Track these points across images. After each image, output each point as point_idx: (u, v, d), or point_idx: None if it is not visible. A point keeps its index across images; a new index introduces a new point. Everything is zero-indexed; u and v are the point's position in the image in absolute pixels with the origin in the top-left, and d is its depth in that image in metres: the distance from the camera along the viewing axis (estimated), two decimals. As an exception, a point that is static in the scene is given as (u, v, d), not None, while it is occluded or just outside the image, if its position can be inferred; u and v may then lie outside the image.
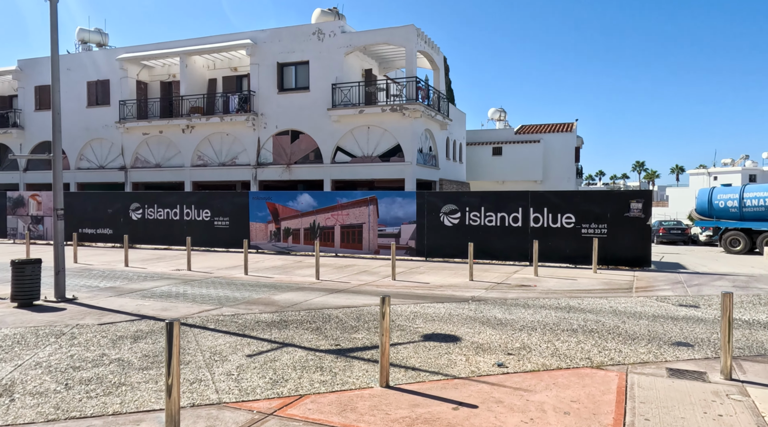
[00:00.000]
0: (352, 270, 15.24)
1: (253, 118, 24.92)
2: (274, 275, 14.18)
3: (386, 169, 23.10)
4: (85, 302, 10.48)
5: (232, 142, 25.99)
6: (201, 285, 12.53)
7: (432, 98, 24.17)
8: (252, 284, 12.77)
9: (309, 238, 19.50)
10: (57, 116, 10.62)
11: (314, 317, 9.05)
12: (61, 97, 28.75)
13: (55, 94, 10.59)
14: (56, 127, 10.60)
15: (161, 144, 27.50)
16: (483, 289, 12.00)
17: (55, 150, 10.65)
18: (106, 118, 28.19)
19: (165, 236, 21.44)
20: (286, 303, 10.27)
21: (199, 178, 26.60)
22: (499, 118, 47.07)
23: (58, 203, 10.69)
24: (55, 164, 10.65)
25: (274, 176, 25.05)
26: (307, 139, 24.59)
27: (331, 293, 11.37)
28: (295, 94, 24.51)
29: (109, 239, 22.51)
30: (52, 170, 10.69)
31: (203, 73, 27.55)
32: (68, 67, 28.85)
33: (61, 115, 10.75)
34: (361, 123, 23.43)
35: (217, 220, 20.69)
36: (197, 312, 9.48)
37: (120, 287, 12.17)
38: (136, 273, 14.56)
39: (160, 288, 12.10)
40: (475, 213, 17.03)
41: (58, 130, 10.62)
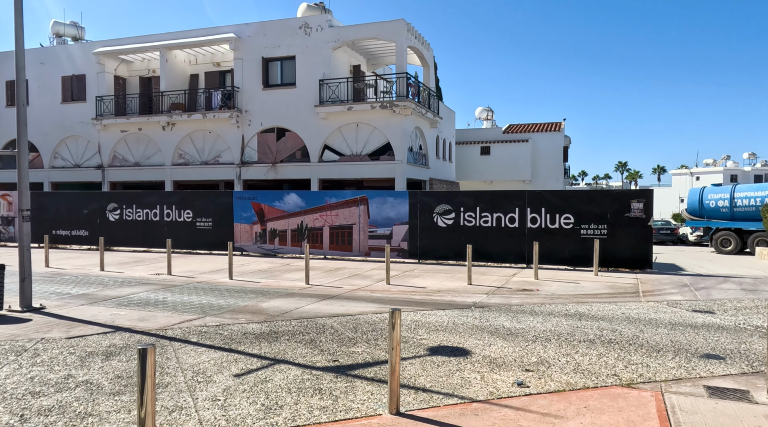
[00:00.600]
0: (343, 274, 14.49)
1: (237, 115, 24.00)
2: (261, 280, 13.37)
3: (376, 169, 22.38)
4: (54, 311, 9.57)
5: (215, 140, 25.03)
6: (182, 291, 11.67)
7: (422, 95, 23.51)
8: (238, 289, 11.94)
9: (296, 239, 18.70)
10: (22, 108, 9.69)
11: (307, 327, 8.29)
12: (34, 92, 27.51)
13: (20, 84, 9.66)
14: (21, 121, 9.67)
15: (140, 142, 26.40)
16: (484, 294, 11.35)
17: (20, 145, 9.72)
18: (82, 114, 27.00)
19: (144, 238, 20.44)
20: (276, 311, 9.49)
21: (181, 177, 25.58)
22: (487, 117, 46.68)
23: (23, 203, 9.76)
24: (20, 161, 9.72)
25: (259, 175, 24.16)
26: (293, 137, 23.75)
27: (323, 300, 10.62)
28: (280, 90, 23.65)
29: (85, 240, 21.42)
30: (17, 167, 9.76)
31: (184, 68, 26.52)
32: (42, 61, 27.58)
33: (26, 108, 9.82)
34: (349, 120, 22.67)
35: (199, 221, 19.76)
36: (178, 323, 8.65)
37: (94, 294, 11.26)
38: (113, 278, 13.62)
39: (138, 295, 11.21)
40: (470, 213, 16.40)
41: (23, 124, 9.70)
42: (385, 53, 25.45)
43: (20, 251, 9.74)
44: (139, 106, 26.51)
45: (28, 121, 27.93)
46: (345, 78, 22.98)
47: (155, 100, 26.14)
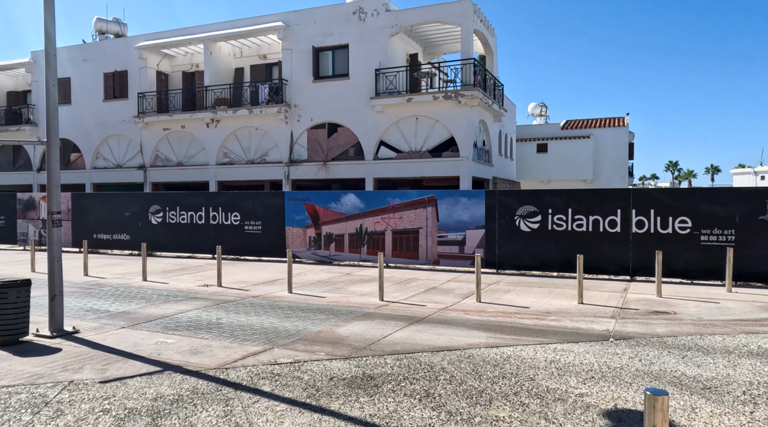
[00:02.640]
0: (417, 287, 12.40)
1: (285, 109, 22.28)
2: (325, 294, 11.42)
3: (437, 166, 20.24)
4: (89, 336, 7.81)
5: (262, 137, 23.39)
6: (238, 309, 9.81)
7: (488, 85, 21.25)
8: (302, 307, 10.01)
9: (355, 245, 16.73)
10: (52, 89, 7.98)
11: (411, 369, 6.23)
12: (76, 90, 26.51)
13: (50, 61, 7.96)
14: (51, 105, 7.97)
15: (183, 140, 25.04)
16: (608, 317, 9.05)
17: (50, 136, 8.02)
18: (124, 112, 25.85)
19: (188, 243, 18.88)
20: (360, 341, 7.47)
21: (225, 177, 24.06)
22: (540, 113, 43.91)
23: (53, 205, 8.05)
24: (50, 155, 8.01)
25: (308, 175, 22.38)
26: (346, 132, 21.86)
27: (411, 324, 8.55)
28: (332, 82, 21.80)
29: (126, 245, 20.04)
30: (46, 162, 8.06)
31: (229, 61, 25.02)
32: (84, 58, 26.61)
33: (56, 89, 8.12)
34: (408, 113, 20.62)
35: (248, 224, 18.05)
36: (240, 357, 6.73)
37: (135, 313, 9.51)
38: (156, 291, 11.91)
39: (187, 314, 9.40)
40: (560, 216, 14.07)
41: (54, 108, 7.99)
42: (444, 40, 23.32)
43: (49, 263, 8.03)
44: (182, 102, 25.16)
45: (71, 121, 27.00)
46: (404, 66, 20.95)
47: (199, 95, 24.72)
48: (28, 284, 7.56)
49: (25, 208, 22.13)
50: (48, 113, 8.01)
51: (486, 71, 21.00)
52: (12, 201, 22.37)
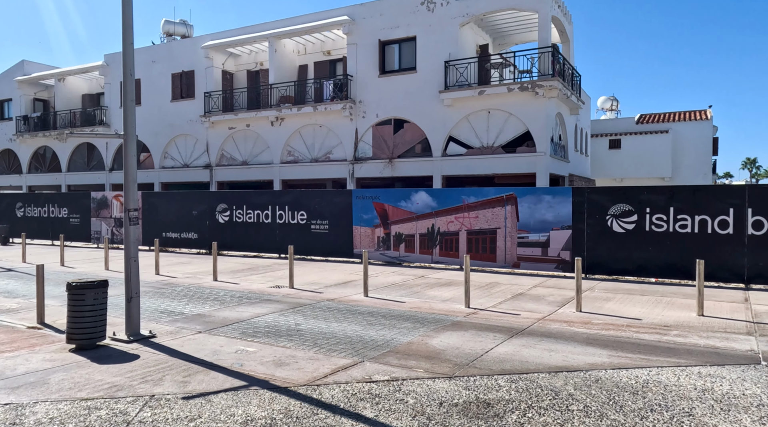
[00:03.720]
0: (501, 292, 11.37)
1: (350, 106, 21.71)
2: (404, 299, 10.60)
3: (511, 162, 19.04)
4: (166, 342, 7.34)
5: (326, 134, 22.94)
6: (316, 314, 9.15)
7: (566, 75, 19.82)
8: (383, 313, 9.23)
9: (426, 246, 15.86)
10: (130, 78, 7.57)
11: (532, 394, 5.28)
12: (145, 91, 27.04)
13: (128, 50, 7.55)
14: (128, 95, 7.56)
15: (248, 139, 25.00)
16: (743, 333, 7.73)
17: (127, 127, 7.61)
18: (191, 112, 26.13)
19: (254, 242, 18.61)
20: (459, 356, 6.58)
21: (289, 176, 23.78)
22: (611, 107, 41.47)
23: (130, 202, 7.63)
24: (127, 150, 7.60)
25: (373, 173, 21.70)
26: (412, 128, 21.03)
27: (511, 336, 7.57)
28: (399, 76, 21.02)
29: (194, 244, 20.04)
30: (123, 158, 7.66)
31: (293, 59, 24.76)
32: (153, 59, 27.12)
33: (134, 83, 7.69)
34: (479, 107, 19.54)
35: (314, 223, 17.55)
36: (330, 371, 6.00)
37: (211, 316, 9.03)
38: (228, 292, 11.49)
39: (264, 318, 8.82)
40: (659, 215, 12.63)
41: (131, 99, 7.58)
42: (516, 29, 22.07)
43: (126, 262, 7.61)
44: (247, 101, 25.13)
45: (141, 121, 27.61)
46: (475, 57, 19.88)
47: (263, 94, 24.60)
48: (105, 285, 7.17)
49: (98, 207, 22.67)
50: (125, 106, 7.61)
51: (565, 60, 19.58)
52: (86, 200, 22.97)
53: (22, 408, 4.98)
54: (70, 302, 6.96)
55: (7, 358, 6.57)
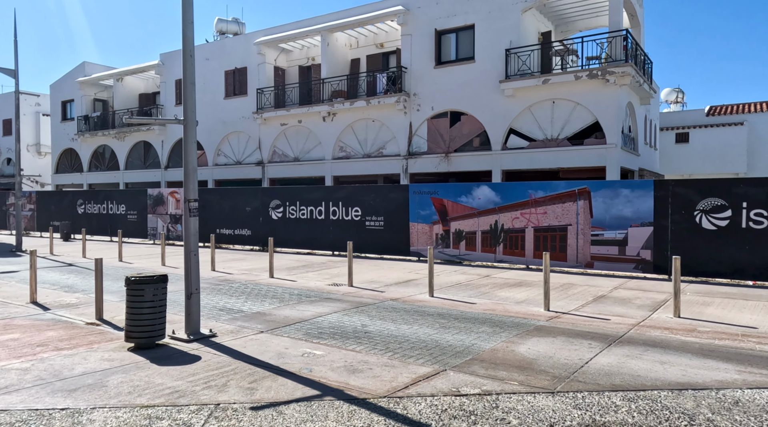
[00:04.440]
0: (580, 294, 10.35)
1: (404, 99, 20.99)
2: (473, 299, 9.78)
3: (578, 155, 17.82)
4: (227, 342, 6.83)
5: (379, 129, 22.31)
6: (381, 314, 8.47)
7: (638, 62, 18.38)
8: (454, 314, 8.45)
9: (488, 243, 14.94)
10: (189, 60, 7.11)
11: (660, 418, 4.39)
12: (199, 89, 27.14)
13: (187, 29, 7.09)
14: (188, 78, 7.10)
15: (300, 135, 24.70)
16: None
17: (187, 113, 7.15)
18: (244, 109, 26.10)
19: (307, 239, 18.18)
20: (555, 367, 5.74)
21: (341, 172, 23.31)
22: (676, 99, 39.01)
23: (190, 192, 7.17)
24: (187, 134, 7.14)
25: (428, 168, 20.90)
26: (470, 121, 20.10)
27: (609, 345, 6.64)
28: (456, 66, 20.13)
29: (247, 240, 19.85)
30: (183, 143, 7.21)
31: (345, 52, 24.28)
32: (206, 57, 27.27)
33: (194, 65, 7.22)
34: (543, 97, 18.40)
35: (369, 220, 16.94)
36: (411, 382, 5.29)
37: (271, 315, 8.50)
38: (286, 289, 10.99)
39: (327, 318, 8.22)
40: (758, 211, 11.27)
41: (191, 82, 7.12)
42: (580, 15, 20.76)
43: (186, 256, 7.16)
44: (299, 97, 24.84)
45: (194, 120, 27.88)
46: (538, 45, 18.75)
47: (315, 90, 24.23)
48: (164, 279, 6.72)
49: (154, 203, 22.89)
50: (184, 90, 7.15)
51: (637, 45, 18.15)
52: (143, 197, 23.26)
53: (79, 414, 4.51)
54: (129, 297, 6.55)
55: (65, 356, 6.20)
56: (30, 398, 4.88)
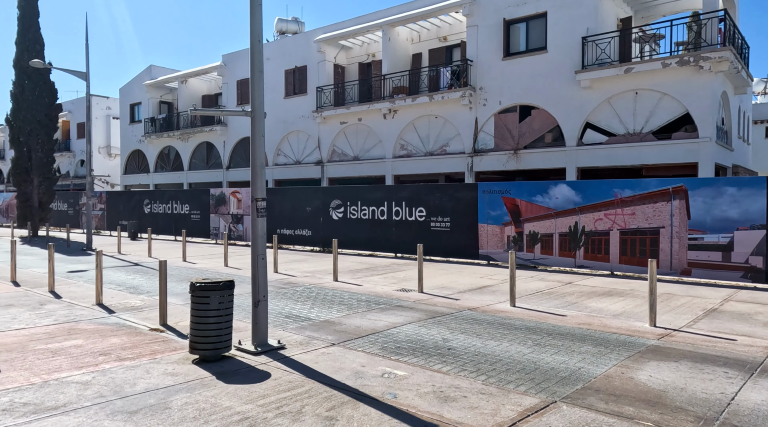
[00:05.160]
0: (686, 307, 9.07)
1: (469, 93, 19.97)
2: (560, 310, 8.73)
3: (665, 151, 16.22)
4: (298, 355, 6.17)
5: (442, 126, 21.39)
6: (461, 326, 7.61)
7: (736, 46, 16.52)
8: (544, 329, 7.46)
9: (567, 247, 13.72)
10: (257, 45, 6.52)
11: None
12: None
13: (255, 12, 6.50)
14: (256, 66, 6.50)
15: (360, 134, 24.15)
16: None
17: (254, 103, 6.56)
18: (303, 108, 25.85)
19: (369, 240, 17.54)
20: (694, 403, 4.68)
21: (402, 171, 22.56)
22: (764, 90, 35.77)
23: (258, 190, 6.58)
24: (255, 127, 6.55)
25: (495, 166, 19.78)
26: (542, 115, 18.82)
27: (751, 374, 5.50)
28: (525, 58, 18.92)
29: (308, 241, 19.45)
30: (251, 137, 6.63)
31: (406, 47, 23.51)
32: (267, 57, 27.20)
33: (262, 52, 6.62)
34: (624, 87, 16.91)
35: (434, 221, 16.07)
36: (518, 416, 4.40)
37: (341, 324, 7.82)
38: (353, 294, 10.31)
39: (402, 330, 7.44)
40: None
41: (258, 70, 6.52)
42: None
43: (253, 260, 6.57)
44: (358, 94, 24.30)
45: (255, 120, 27.96)
46: (617, 32, 17.25)
47: (375, 86, 23.61)
48: (231, 286, 6.14)
49: (216, 203, 22.98)
50: (252, 79, 6.56)
51: (735, 28, 16.30)
52: (206, 197, 23.41)
53: (139, 444, 3.93)
54: (194, 305, 6.01)
55: (127, 368, 5.73)
56: (88, 421, 4.37)
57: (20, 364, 5.87)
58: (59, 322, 7.94)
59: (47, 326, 7.70)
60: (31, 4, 25.89)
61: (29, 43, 25.56)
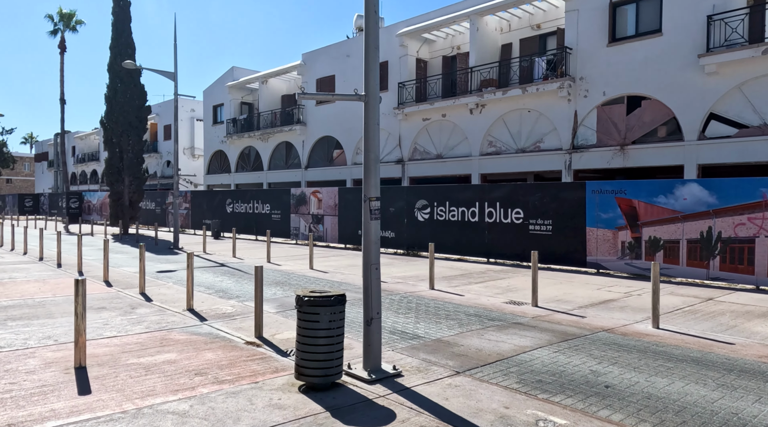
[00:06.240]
0: None
1: (568, 84, 18.24)
2: (721, 335, 7.14)
3: (813, 144, 13.80)
4: (420, 388, 5.12)
5: (536, 120, 19.76)
6: (605, 354, 6.26)
7: None
8: (714, 360, 5.97)
9: (698, 255, 11.84)
10: (374, 16, 5.54)
11: None
12: (339, 86, 26.61)
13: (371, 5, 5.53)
14: (371, 36, 5.52)
15: (443, 131, 22.96)
16: None
17: (368, 85, 5.58)
18: (383, 105, 24.99)
19: (458, 243, 16.33)
20: None
21: (490, 169, 21.13)
22: None
23: (371, 189, 5.60)
24: (369, 112, 5.57)
25: (597, 163, 17.93)
26: (653, 106, 16.80)
27: None
28: (635, 42, 16.96)
29: (391, 243, 18.51)
30: (364, 123, 5.65)
31: (495, 38, 22.05)
32: (347, 53, 26.71)
33: (378, 48, 5.62)
34: (760, 72, 14.64)
35: (533, 223, 14.61)
36: None
37: (458, 345, 6.70)
38: (457, 306, 9.17)
39: (535, 356, 6.21)
40: None
41: (374, 47, 5.54)
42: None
43: (365, 270, 5.60)
44: (442, 89, 23.11)
45: (335, 118, 27.48)
46: (748, 7, 14.97)
47: (461, 80, 22.33)
48: (342, 301, 5.19)
49: (297, 203, 22.61)
50: (367, 57, 5.59)
51: None
52: (286, 196, 23.11)
53: None
54: (301, 322, 5.10)
55: (227, 394, 4.91)
56: (189, 472, 3.52)
57: (112, 383, 5.22)
58: (151, 330, 7.39)
59: (139, 334, 7.15)
60: (123, 10, 26.83)
61: (122, 48, 26.48)
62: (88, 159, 57.62)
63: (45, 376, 5.42)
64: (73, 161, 60.45)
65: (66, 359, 5.95)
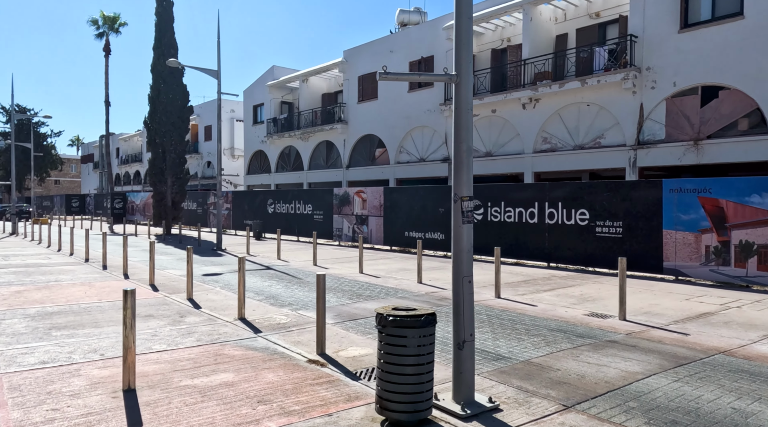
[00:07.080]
0: None
1: (633, 75, 16.92)
2: None
3: None
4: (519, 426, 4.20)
5: (595, 115, 18.48)
6: (743, 386, 5.20)
7: None
8: None
9: (800, 263, 10.47)
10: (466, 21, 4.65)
11: None
12: (381, 84, 25.88)
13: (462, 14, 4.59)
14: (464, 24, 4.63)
15: (493, 127, 21.88)
16: None
17: (460, 64, 4.70)
18: (429, 101, 24.10)
19: (514, 246, 15.27)
20: None
21: (544, 167, 19.95)
22: None
23: (463, 187, 4.72)
24: (460, 93, 4.70)
25: (667, 160, 16.56)
26: (733, 97, 15.34)
27: None
28: (711, 27, 15.53)
29: (439, 245, 17.58)
30: (455, 107, 4.79)
31: (549, 29, 20.83)
32: (390, 49, 25.90)
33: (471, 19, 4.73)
34: None
35: (600, 225, 13.43)
36: None
37: (552, 369, 5.75)
38: (534, 319, 8.18)
39: (652, 386, 5.20)
40: None
41: (467, 17, 4.65)
42: None
43: (455, 283, 4.73)
44: (490, 84, 22.02)
45: (377, 115, 26.69)
46: None
47: (512, 74, 21.20)
48: (433, 321, 4.32)
49: (340, 203, 21.92)
50: (458, 27, 4.72)
51: None
52: (329, 197, 22.46)
53: None
54: (385, 346, 4.26)
55: (298, 432, 4.12)
56: None
57: (165, 411, 4.51)
58: (203, 342, 6.71)
59: (190, 348, 6.48)
60: (167, 10, 26.76)
61: (165, 48, 26.40)
62: (132, 160, 58.74)
63: (91, 401, 4.76)
64: (117, 162, 61.78)
65: (113, 379, 5.29)
